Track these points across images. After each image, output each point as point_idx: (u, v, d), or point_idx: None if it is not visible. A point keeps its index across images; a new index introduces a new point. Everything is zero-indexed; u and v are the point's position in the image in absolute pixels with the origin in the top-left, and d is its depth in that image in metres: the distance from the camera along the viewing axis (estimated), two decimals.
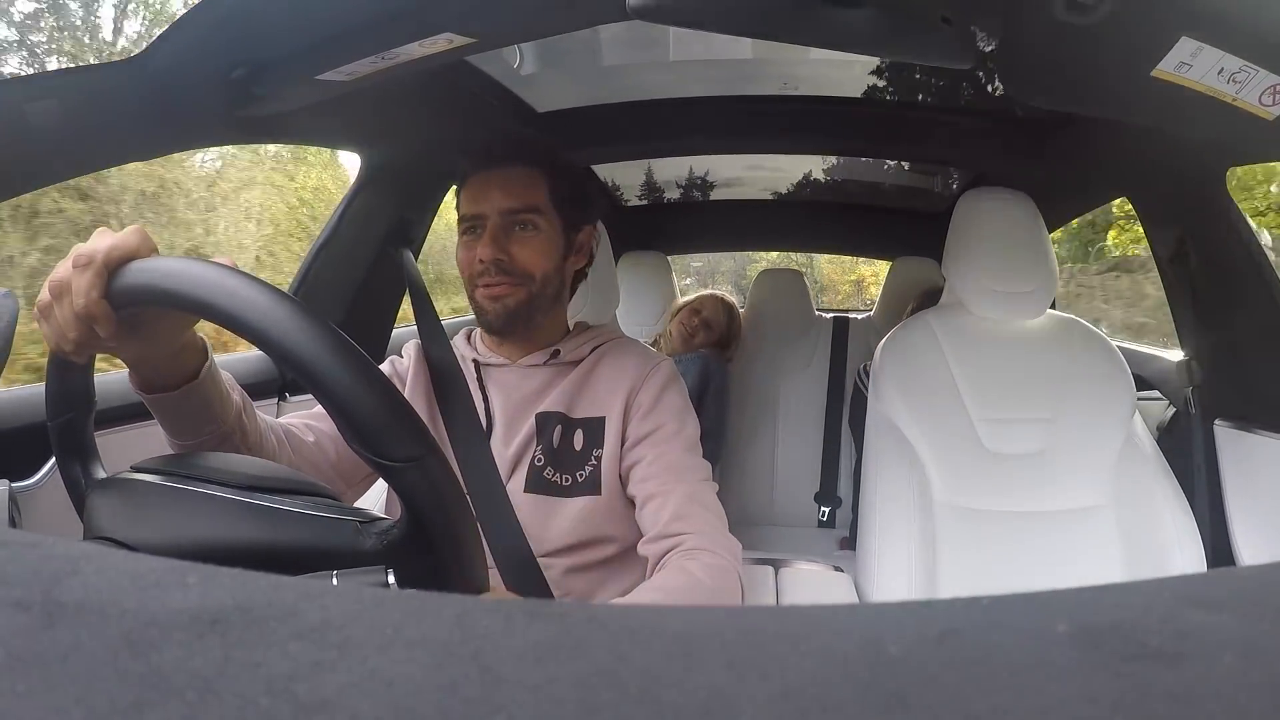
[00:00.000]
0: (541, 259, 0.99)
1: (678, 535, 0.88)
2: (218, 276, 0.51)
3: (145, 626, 0.19)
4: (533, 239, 0.98)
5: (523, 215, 0.98)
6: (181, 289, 0.53)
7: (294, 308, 0.51)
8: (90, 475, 0.64)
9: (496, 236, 0.97)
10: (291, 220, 6.52)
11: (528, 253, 0.98)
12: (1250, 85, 0.78)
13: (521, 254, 0.97)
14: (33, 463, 0.97)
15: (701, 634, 0.19)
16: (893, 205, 2.59)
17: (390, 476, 0.52)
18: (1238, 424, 1.44)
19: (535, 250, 0.98)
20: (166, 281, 0.54)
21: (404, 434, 0.51)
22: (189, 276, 0.52)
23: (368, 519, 0.56)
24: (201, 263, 0.53)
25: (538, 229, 0.98)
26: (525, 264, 0.98)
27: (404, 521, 0.54)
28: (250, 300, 0.50)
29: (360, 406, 0.50)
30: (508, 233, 0.97)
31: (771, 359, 2.48)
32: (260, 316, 0.50)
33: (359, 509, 0.58)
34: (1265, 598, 0.21)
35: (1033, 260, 1.41)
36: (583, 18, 0.95)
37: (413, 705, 0.16)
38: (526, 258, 0.98)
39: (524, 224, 0.98)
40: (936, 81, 1.61)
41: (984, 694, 0.16)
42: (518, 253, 0.97)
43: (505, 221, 0.97)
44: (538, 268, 0.99)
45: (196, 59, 0.91)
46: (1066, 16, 0.74)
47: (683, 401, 1.01)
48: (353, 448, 0.51)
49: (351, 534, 0.54)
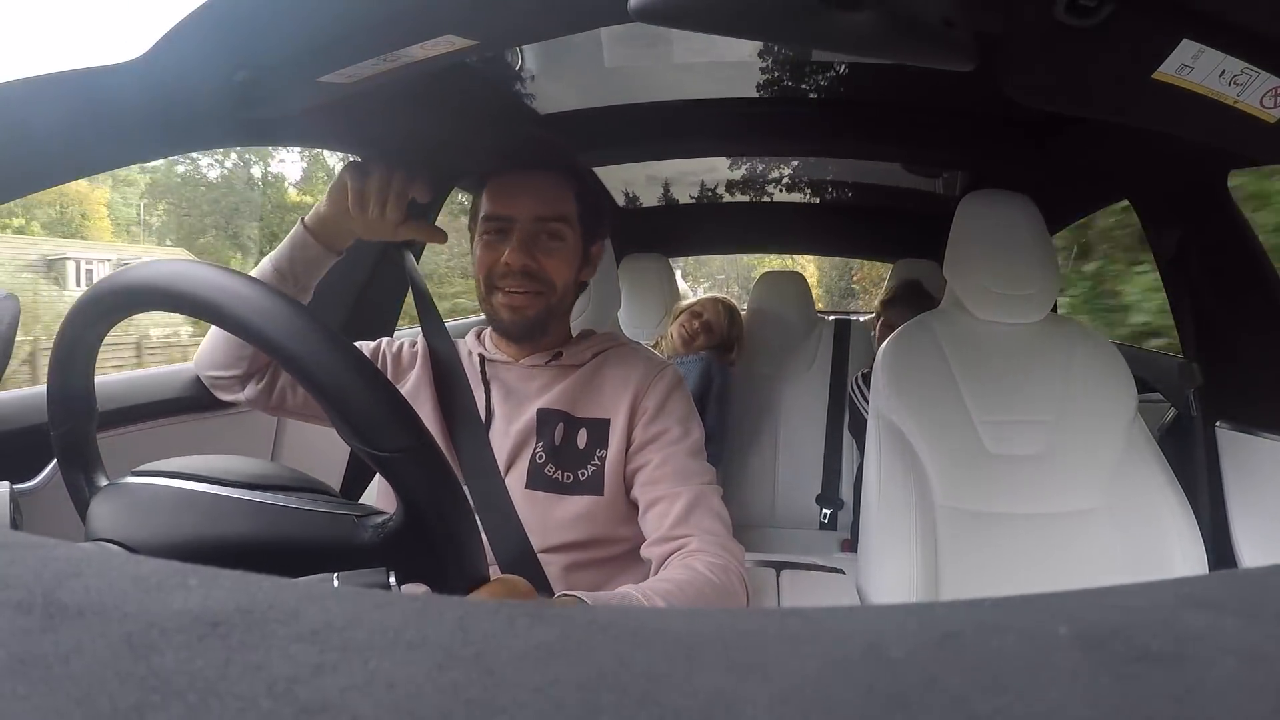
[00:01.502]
0: (565, 269, 1.00)
1: (681, 538, 0.88)
2: (209, 275, 0.52)
3: (146, 629, 0.19)
4: (559, 250, 0.99)
5: (553, 224, 0.98)
6: (176, 289, 0.53)
7: (283, 302, 0.51)
8: (93, 483, 0.64)
9: (526, 243, 0.96)
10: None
11: (554, 262, 0.98)
12: (1252, 88, 0.78)
13: (548, 263, 0.98)
14: (34, 464, 0.97)
15: (703, 636, 0.19)
16: (894, 207, 2.59)
17: (383, 467, 0.52)
18: (1239, 426, 1.44)
19: (560, 260, 0.99)
20: (160, 281, 0.54)
21: (395, 424, 0.52)
22: (182, 276, 0.53)
23: (364, 512, 0.56)
24: (194, 263, 0.54)
25: (564, 240, 0.99)
26: (550, 273, 0.98)
27: (399, 514, 0.54)
28: (240, 296, 0.51)
29: (351, 398, 0.50)
30: (537, 240, 0.97)
31: (773, 361, 2.48)
32: (250, 312, 0.51)
33: (356, 503, 0.58)
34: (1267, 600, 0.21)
35: (1034, 262, 1.41)
36: (585, 20, 0.95)
37: (415, 707, 0.16)
38: (552, 267, 0.98)
39: (552, 234, 0.98)
40: (938, 84, 1.61)
41: (985, 696, 0.16)
42: (545, 261, 0.97)
43: (535, 229, 0.97)
44: (560, 277, 0.99)
45: (198, 61, 0.91)
46: (1068, 19, 0.74)
47: (687, 406, 1.01)
48: (345, 439, 0.52)
49: (349, 528, 0.55)
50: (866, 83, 1.68)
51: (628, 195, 2.61)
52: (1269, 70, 0.77)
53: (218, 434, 1.25)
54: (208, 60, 0.93)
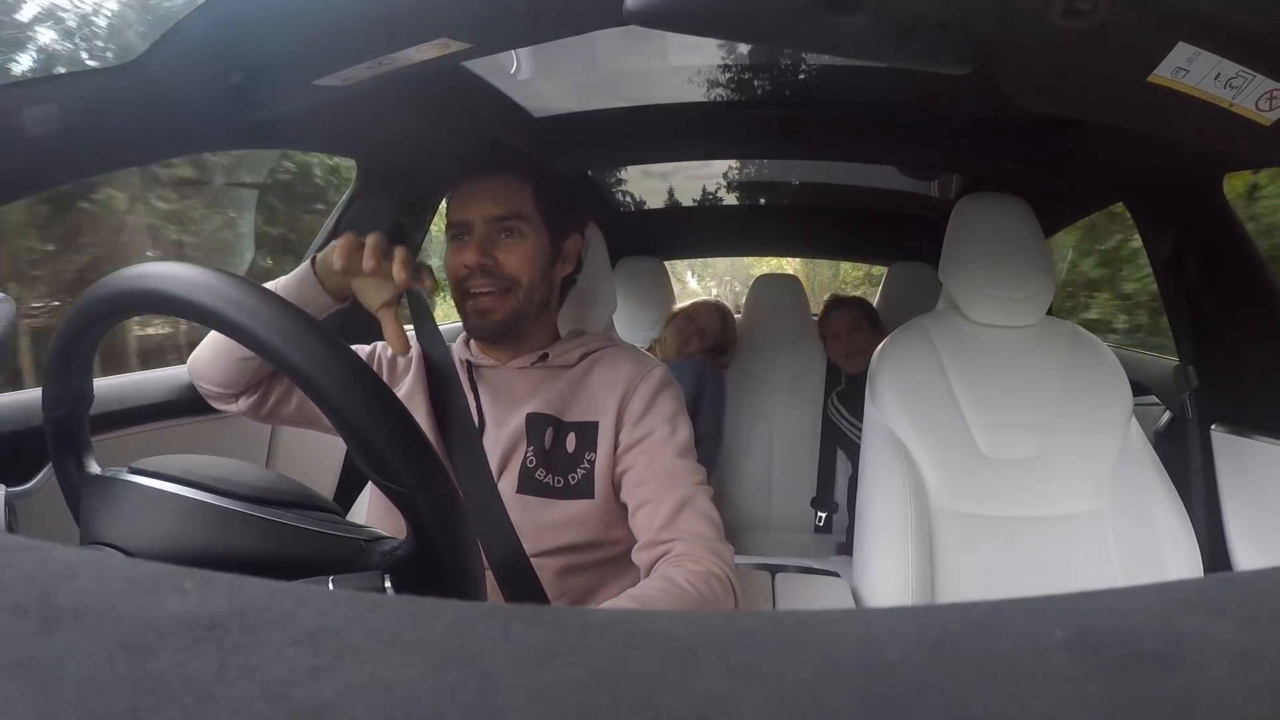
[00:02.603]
0: (528, 265, 1.00)
1: (667, 543, 0.88)
2: (241, 294, 0.51)
3: (142, 631, 0.19)
4: (518, 245, 0.99)
5: (508, 222, 0.99)
6: (206, 304, 0.51)
7: (315, 333, 0.51)
8: (84, 470, 0.63)
9: (482, 242, 0.98)
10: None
11: (513, 259, 0.99)
12: (1247, 90, 0.78)
13: (507, 260, 0.99)
14: (29, 467, 0.96)
15: (698, 639, 0.19)
16: (889, 210, 2.59)
17: (400, 501, 0.52)
18: (1235, 429, 1.44)
19: (520, 256, 0.99)
20: (175, 291, 0.52)
21: (417, 462, 0.51)
22: (215, 292, 0.51)
23: (373, 537, 0.56)
24: (228, 278, 0.52)
25: (523, 236, 1.00)
26: (511, 269, 0.99)
27: (409, 543, 0.54)
28: (270, 322, 0.50)
29: (374, 434, 0.50)
30: (493, 239, 0.99)
31: (768, 364, 2.48)
32: (280, 340, 0.50)
33: (364, 527, 0.58)
34: (1262, 603, 0.21)
35: (1029, 265, 1.41)
36: (580, 23, 0.95)
37: (410, 710, 0.16)
38: (512, 263, 0.99)
39: (509, 231, 0.99)
40: (933, 87, 1.61)
41: (981, 699, 0.16)
42: (503, 258, 0.99)
43: (491, 228, 0.99)
44: (524, 273, 1.00)
45: (194, 64, 0.91)
46: (1063, 21, 0.74)
47: (675, 406, 1.01)
48: (362, 469, 0.51)
49: (355, 552, 0.54)
50: (862, 86, 1.68)
51: (623, 198, 2.61)
52: (1264, 73, 0.77)
53: (213, 437, 1.25)
54: (203, 63, 0.93)
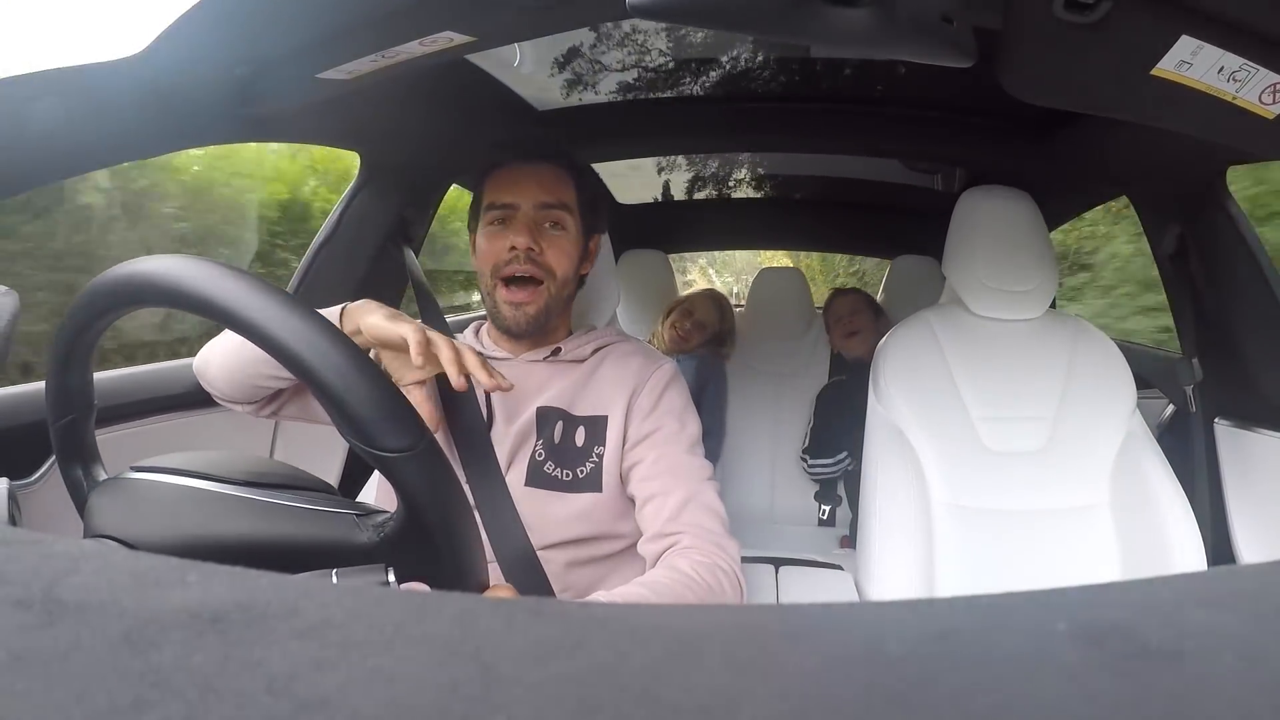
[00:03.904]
0: (564, 259, 1.01)
1: (674, 535, 0.89)
2: (210, 273, 0.52)
3: (145, 625, 0.19)
4: (559, 239, 1.00)
5: (555, 212, 1.00)
6: (178, 286, 0.52)
7: (283, 300, 0.51)
8: (92, 477, 0.64)
9: (530, 227, 0.98)
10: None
11: (554, 250, 0.99)
12: (1250, 84, 0.78)
13: (551, 251, 0.99)
14: (33, 460, 0.97)
15: (702, 633, 0.19)
16: (893, 204, 2.58)
17: (384, 467, 0.52)
18: (1238, 422, 1.44)
19: (560, 249, 1.00)
20: (161, 277, 0.53)
21: (397, 424, 0.51)
22: (182, 274, 0.52)
23: (365, 512, 0.56)
24: (197, 260, 0.53)
25: (565, 229, 1.00)
26: (550, 261, 0.99)
27: (400, 513, 0.54)
28: (240, 294, 0.51)
29: (352, 397, 0.50)
30: (539, 227, 0.99)
31: (771, 357, 2.48)
32: (251, 310, 0.50)
33: (356, 502, 0.58)
34: (1266, 597, 0.21)
35: (1032, 258, 1.41)
36: (583, 15, 0.95)
37: (413, 703, 0.16)
38: (552, 255, 0.99)
39: (554, 223, 1.00)
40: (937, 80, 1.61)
41: (984, 693, 0.16)
42: (548, 249, 0.99)
43: (539, 215, 0.99)
44: (560, 266, 1.00)
45: (198, 57, 0.91)
46: (1066, 15, 0.74)
47: (684, 402, 1.01)
48: (345, 437, 0.51)
49: (349, 527, 0.54)
50: (865, 79, 1.68)
51: (626, 191, 2.60)
52: (1268, 67, 0.76)
53: (216, 430, 1.25)
54: (207, 56, 0.93)
